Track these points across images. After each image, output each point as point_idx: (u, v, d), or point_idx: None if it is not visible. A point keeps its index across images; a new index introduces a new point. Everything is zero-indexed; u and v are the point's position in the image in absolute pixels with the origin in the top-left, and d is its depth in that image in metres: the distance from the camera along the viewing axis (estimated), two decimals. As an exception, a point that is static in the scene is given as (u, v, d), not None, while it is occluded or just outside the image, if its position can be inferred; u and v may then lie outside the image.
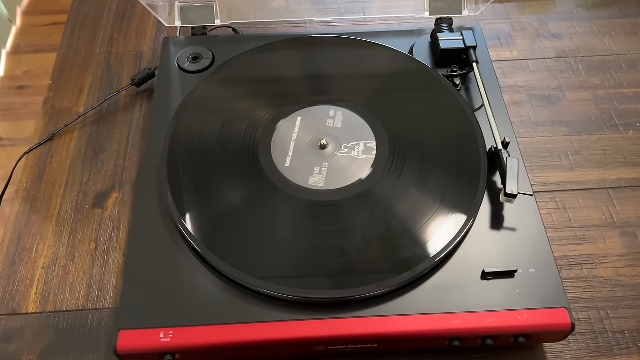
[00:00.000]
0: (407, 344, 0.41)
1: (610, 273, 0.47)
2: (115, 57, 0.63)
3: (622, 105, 0.59)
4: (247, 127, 0.49)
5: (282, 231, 0.43)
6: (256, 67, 0.54)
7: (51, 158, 0.54)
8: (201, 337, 0.38)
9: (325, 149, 0.48)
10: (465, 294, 0.40)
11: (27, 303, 0.45)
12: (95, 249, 0.48)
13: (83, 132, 0.56)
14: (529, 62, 0.63)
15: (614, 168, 0.54)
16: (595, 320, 0.45)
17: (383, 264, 0.41)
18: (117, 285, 0.46)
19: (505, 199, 0.43)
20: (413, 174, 0.46)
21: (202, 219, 0.44)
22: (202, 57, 0.55)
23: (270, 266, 0.41)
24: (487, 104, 0.49)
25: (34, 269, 0.47)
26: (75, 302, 0.45)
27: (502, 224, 0.44)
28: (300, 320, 0.39)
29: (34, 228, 0.50)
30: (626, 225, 0.50)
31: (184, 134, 0.49)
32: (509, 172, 0.43)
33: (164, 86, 0.53)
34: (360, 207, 0.44)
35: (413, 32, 0.58)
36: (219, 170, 0.47)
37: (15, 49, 1.52)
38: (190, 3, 0.58)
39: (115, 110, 0.58)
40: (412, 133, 0.49)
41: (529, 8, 0.68)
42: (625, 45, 0.64)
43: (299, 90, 0.53)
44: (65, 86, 0.60)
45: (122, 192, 0.52)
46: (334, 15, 0.66)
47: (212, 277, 0.41)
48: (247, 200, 0.45)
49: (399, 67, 0.54)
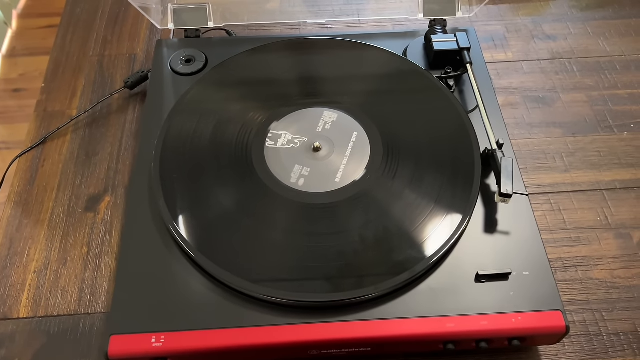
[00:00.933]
0: (401, 347, 0.41)
1: (605, 275, 0.47)
2: (108, 60, 0.63)
3: (617, 106, 0.59)
4: (240, 129, 0.49)
5: (275, 234, 0.43)
6: (249, 70, 0.54)
7: (43, 161, 0.54)
8: (193, 341, 0.38)
9: (318, 151, 0.48)
10: (459, 297, 0.40)
11: (18, 308, 0.45)
12: (87, 252, 0.48)
13: (76, 135, 0.56)
14: (523, 63, 0.62)
15: (609, 169, 0.54)
16: (590, 322, 0.45)
17: (376, 267, 0.41)
18: (109, 289, 0.46)
19: (500, 199, 0.43)
20: (407, 176, 0.46)
21: (195, 223, 0.43)
22: (195, 59, 0.55)
23: (263, 270, 0.41)
24: (482, 105, 0.48)
25: (26, 274, 0.47)
26: (67, 306, 0.45)
27: (496, 226, 0.44)
28: (293, 324, 0.39)
29: (26, 232, 0.49)
30: (621, 226, 0.50)
31: (176, 137, 0.48)
32: (504, 171, 0.43)
33: (156, 89, 0.53)
34: (354, 210, 0.44)
35: (407, 34, 0.58)
36: (212, 174, 0.46)
37: (11, 51, 1.51)
38: (183, 5, 0.57)
39: (108, 113, 0.58)
40: (406, 134, 0.49)
41: (523, 9, 0.68)
42: (620, 47, 0.64)
43: (293, 93, 0.52)
44: (58, 89, 0.60)
45: (114, 196, 0.52)
46: (328, 17, 0.66)
47: (204, 281, 0.41)
48: (239, 204, 0.45)
49: (393, 69, 0.54)
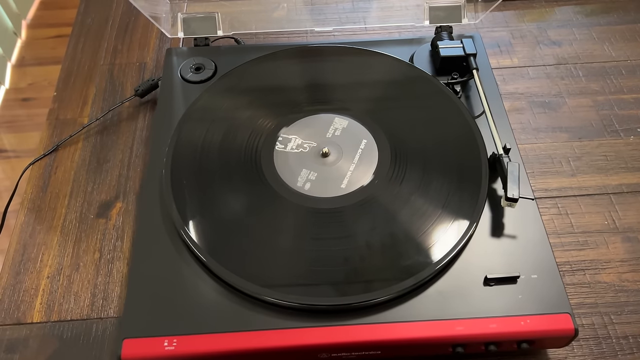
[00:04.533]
0: (410, 350, 0.41)
1: (613, 278, 0.47)
2: (119, 69, 0.64)
3: (623, 110, 0.59)
4: (249, 136, 0.50)
5: (284, 239, 0.43)
6: (258, 77, 0.55)
7: (56, 168, 0.55)
8: (205, 345, 0.39)
9: (327, 157, 0.48)
10: (467, 300, 0.40)
11: (32, 313, 0.46)
12: (99, 258, 0.49)
13: (87, 143, 0.57)
14: (529, 69, 0.63)
15: (615, 173, 0.54)
16: (599, 325, 0.45)
17: (386, 271, 0.41)
18: (121, 294, 0.46)
19: (506, 204, 0.43)
20: (415, 181, 0.46)
21: (205, 227, 0.44)
22: (205, 67, 0.56)
23: (273, 274, 0.41)
24: (488, 110, 0.49)
25: (39, 279, 0.48)
26: (79, 311, 0.46)
27: (504, 230, 0.44)
28: (303, 327, 0.39)
29: (39, 238, 0.50)
30: (628, 230, 0.50)
31: (187, 144, 0.49)
32: (510, 176, 0.43)
33: (167, 96, 0.54)
34: (362, 215, 0.44)
35: (413, 41, 0.58)
36: (222, 179, 0.47)
37: (20, 61, 1.53)
38: (192, 14, 0.58)
39: (118, 120, 0.59)
40: (413, 140, 0.49)
41: (528, 16, 0.69)
42: (625, 51, 0.64)
43: (301, 99, 0.53)
44: (70, 97, 0.61)
45: (125, 202, 0.52)
46: (335, 25, 0.66)
47: (216, 285, 0.41)
48: (249, 209, 0.45)
49: (400, 75, 0.54)
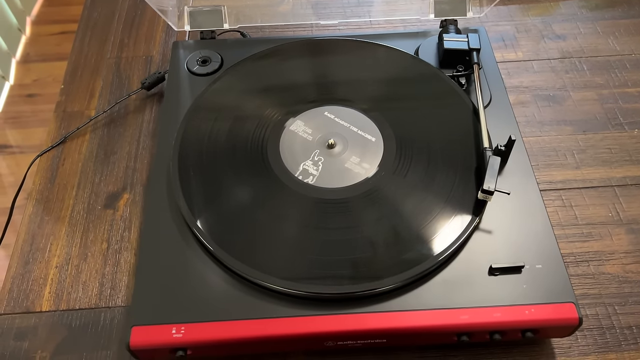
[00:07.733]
0: (415, 339, 0.41)
1: (617, 269, 0.47)
2: (125, 62, 0.64)
3: (627, 104, 0.59)
4: (255, 127, 0.50)
5: (291, 228, 0.44)
6: (264, 70, 0.55)
7: (63, 160, 0.55)
8: (212, 332, 0.39)
9: (333, 148, 0.48)
10: (472, 290, 0.41)
11: (40, 302, 0.46)
12: (107, 248, 0.49)
13: (94, 135, 0.57)
14: (534, 62, 0.63)
15: (620, 166, 0.54)
16: (603, 316, 0.45)
17: (392, 260, 0.42)
18: (128, 283, 0.47)
19: (482, 196, 0.43)
20: (420, 172, 0.47)
21: (213, 217, 0.44)
22: (211, 60, 0.56)
23: (280, 263, 0.42)
24: (481, 105, 0.49)
25: (48, 269, 0.48)
26: (87, 300, 0.46)
27: (509, 220, 0.44)
28: (310, 315, 0.40)
29: (47, 229, 0.51)
30: (633, 222, 0.50)
31: (193, 135, 0.49)
32: (489, 169, 0.44)
33: (173, 89, 0.54)
34: (368, 205, 0.45)
35: (418, 34, 0.59)
36: (229, 170, 0.47)
37: (25, 57, 1.54)
38: (199, 8, 0.59)
39: (125, 113, 0.59)
40: (418, 132, 0.50)
41: (533, 10, 0.69)
42: (629, 45, 0.64)
43: (307, 91, 0.53)
44: (77, 90, 0.61)
45: (133, 193, 0.53)
46: (340, 19, 0.67)
47: (223, 274, 0.42)
48: (256, 199, 0.46)
49: (405, 68, 0.55)
